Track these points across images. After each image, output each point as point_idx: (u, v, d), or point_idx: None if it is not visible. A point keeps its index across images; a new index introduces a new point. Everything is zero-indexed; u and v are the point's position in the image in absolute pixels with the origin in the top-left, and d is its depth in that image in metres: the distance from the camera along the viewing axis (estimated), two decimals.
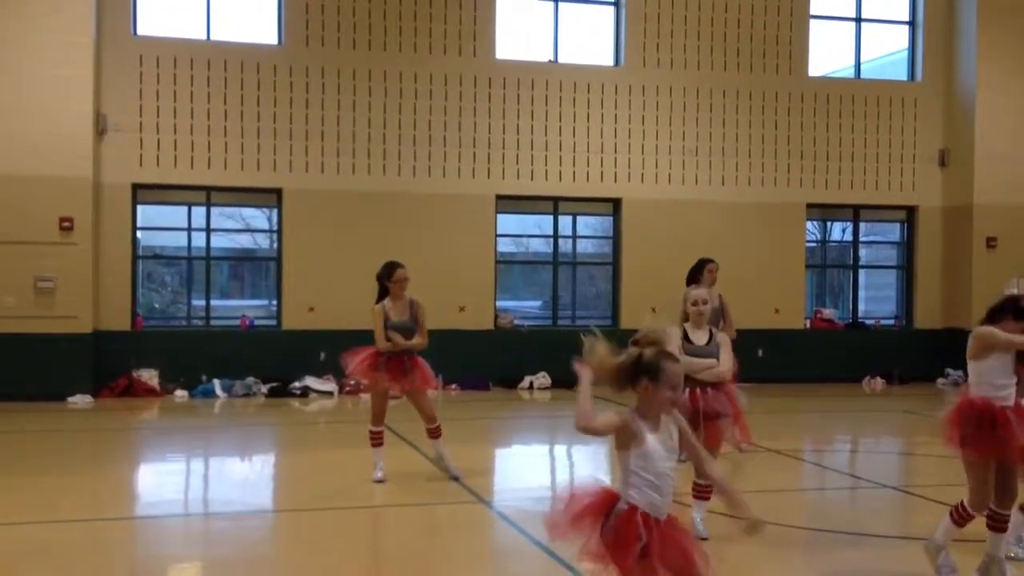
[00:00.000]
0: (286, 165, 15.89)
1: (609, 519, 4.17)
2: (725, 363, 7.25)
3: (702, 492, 7.07)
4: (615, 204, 17.34)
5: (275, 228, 16.42)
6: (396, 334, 8.77)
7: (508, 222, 17.37)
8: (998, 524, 6.22)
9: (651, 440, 4.16)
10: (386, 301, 8.89)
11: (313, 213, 15.98)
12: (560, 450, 11.95)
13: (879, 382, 17.67)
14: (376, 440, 9.00)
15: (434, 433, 9.03)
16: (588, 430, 4.15)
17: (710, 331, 7.36)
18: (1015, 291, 16.95)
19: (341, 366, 9.25)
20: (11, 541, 7.05)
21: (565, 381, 16.32)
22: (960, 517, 6.21)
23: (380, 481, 8.82)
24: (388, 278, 8.91)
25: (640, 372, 4.17)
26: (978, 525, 6.21)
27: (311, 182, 15.95)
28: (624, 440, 4.19)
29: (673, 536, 4.17)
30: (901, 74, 18.80)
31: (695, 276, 10.21)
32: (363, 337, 15.98)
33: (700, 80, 17.45)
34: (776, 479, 9.61)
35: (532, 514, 7.98)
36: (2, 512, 7.80)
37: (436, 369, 15.94)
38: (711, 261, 10.34)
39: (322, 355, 15.68)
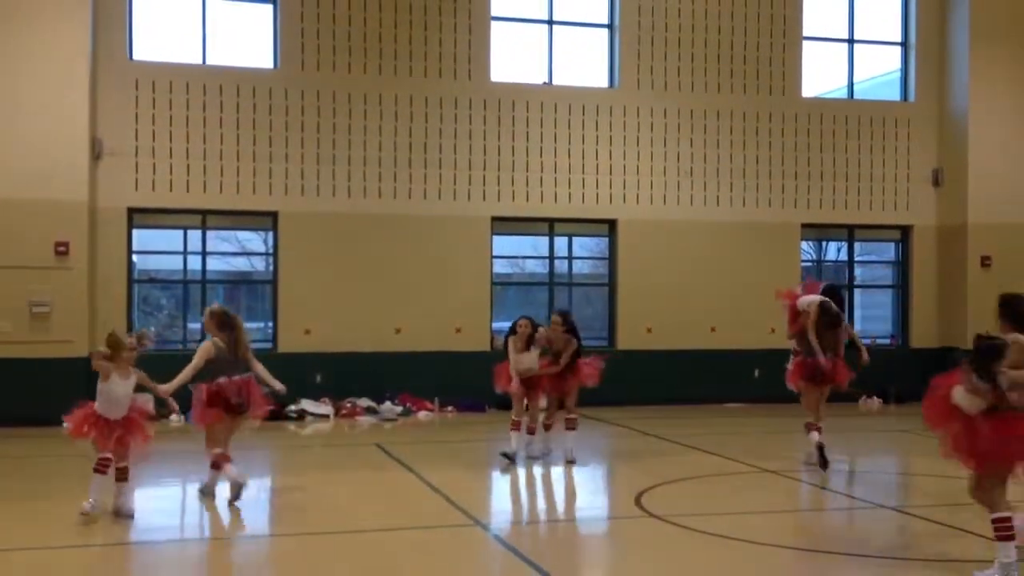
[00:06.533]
0: (281, 188, 15.91)
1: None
2: None
3: None
4: (611, 225, 17.37)
5: (271, 251, 16.43)
6: None
7: (504, 243, 17.39)
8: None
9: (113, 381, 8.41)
10: None
11: (309, 236, 16.00)
12: (556, 472, 11.91)
13: (875, 401, 17.64)
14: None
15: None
16: None
17: None
18: None
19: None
20: (5, 568, 7.02)
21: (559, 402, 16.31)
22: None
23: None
24: None
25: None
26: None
27: (307, 205, 15.97)
28: (103, 377, 8.26)
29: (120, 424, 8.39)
30: (894, 94, 18.89)
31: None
32: (359, 359, 16.08)
33: (694, 101, 17.52)
34: (772, 500, 9.60)
35: (528, 537, 7.97)
36: None
37: (432, 391, 16.26)
38: None
39: (318, 377, 15.67)
